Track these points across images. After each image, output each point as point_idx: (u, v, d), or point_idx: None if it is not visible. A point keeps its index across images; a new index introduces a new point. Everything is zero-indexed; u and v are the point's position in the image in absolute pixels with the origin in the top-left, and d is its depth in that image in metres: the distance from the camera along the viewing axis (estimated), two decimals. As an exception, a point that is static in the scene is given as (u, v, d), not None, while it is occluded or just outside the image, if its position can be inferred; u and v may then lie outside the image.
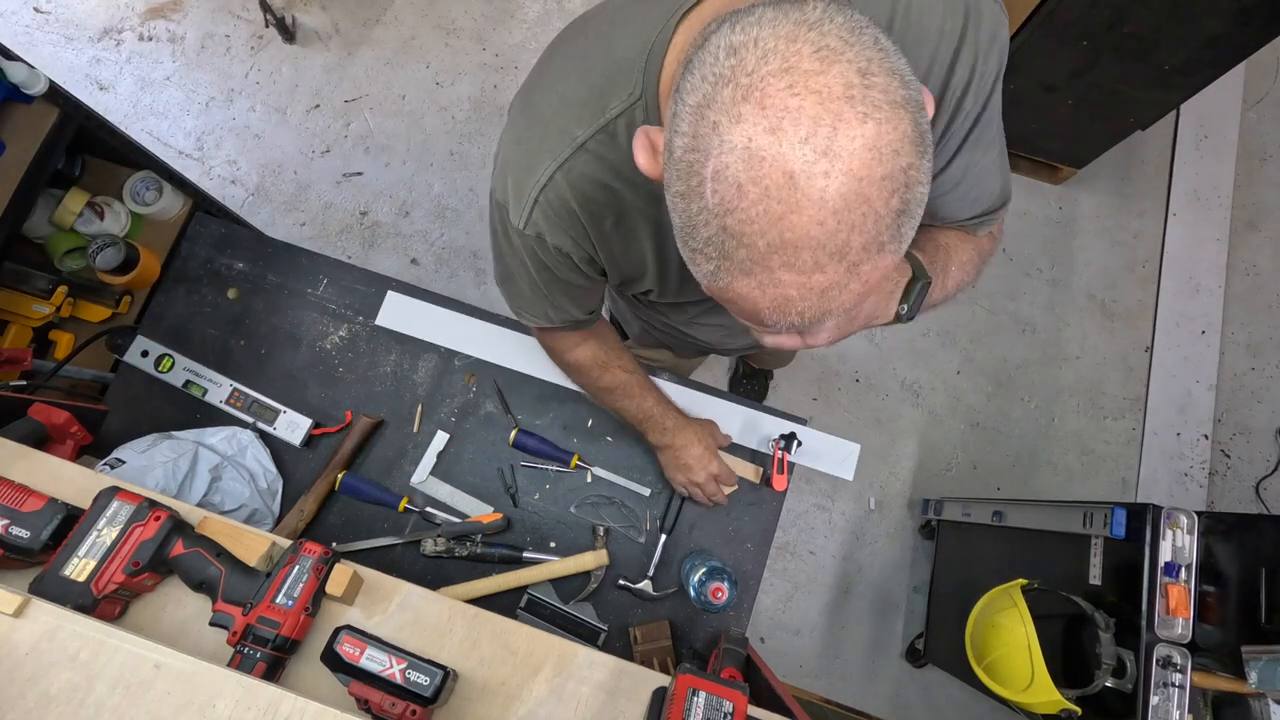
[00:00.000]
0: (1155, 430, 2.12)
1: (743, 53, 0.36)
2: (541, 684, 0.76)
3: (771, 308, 0.42)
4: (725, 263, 0.40)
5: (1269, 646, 1.04)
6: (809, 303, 0.41)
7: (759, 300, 0.42)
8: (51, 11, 2.29)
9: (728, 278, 0.41)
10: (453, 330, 1.18)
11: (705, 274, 0.43)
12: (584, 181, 0.60)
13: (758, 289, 0.41)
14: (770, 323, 0.44)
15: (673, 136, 0.40)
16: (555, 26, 2.33)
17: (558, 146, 0.59)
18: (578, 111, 0.58)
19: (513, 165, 0.63)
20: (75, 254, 1.36)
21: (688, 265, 0.45)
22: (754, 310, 0.43)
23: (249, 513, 1.04)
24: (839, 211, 0.37)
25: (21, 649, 0.62)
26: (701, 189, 0.38)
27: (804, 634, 1.95)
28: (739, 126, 0.36)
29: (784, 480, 1.12)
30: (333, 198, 2.17)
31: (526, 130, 0.62)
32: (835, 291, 0.40)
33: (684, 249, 0.44)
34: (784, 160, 0.36)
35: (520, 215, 0.64)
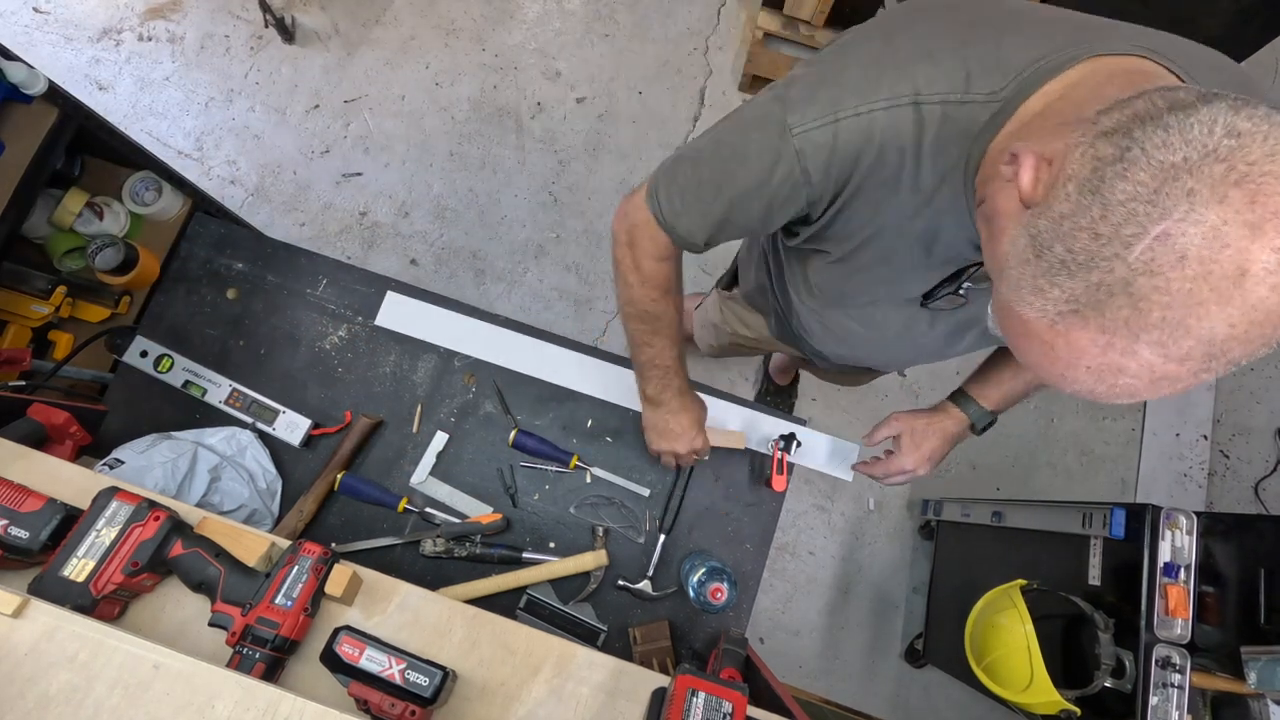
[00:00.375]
0: (1154, 431, 2.13)
1: (1248, 141, 0.36)
2: (541, 684, 0.76)
3: (1091, 369, 0.41)
4: (1089, 310, 0.40)
5: (1268, 647, 1.04)
6: (1133, 383, 0.41)
7: (1085, 356, 0.41)
8: (51, 11, 2.29)
9: (1074, 321, 0.40)
10: (452, 330, 1.18)
11: (1043, 303, 0.42)
12: (888, 138, 0.57)
13: (1099, 348, 0.40)
14: (1062, 378, 0.43)
15: (1115, 178, 0.39)
16: (555, 27, 2.33)
17: (895, 91, 0.56)
18: (934, 74, 0.55)
19: (839, 78, 0.59)
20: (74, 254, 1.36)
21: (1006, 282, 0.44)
22: (1058, 361, 0.43)
23: (248, 513, 1.04)
24: (1256, 324, 0.37)
25: (20, 649, 0.62)
26: (1131, 239, 0.38)
27: (803, 634, 1.95)
28: (1218, 207, 0.36)
29: (783, 481, 1.12)
30: (332, 198, 2.17)
31: (873, 61, 0.58)
32: (1164, 385, 0.40)
33: (1026, 265, 0.43)
34: (1246, 257, 0.36)
35: (806, 120, 0.59)
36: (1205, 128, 0.37)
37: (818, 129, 0.58)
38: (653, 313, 0.89)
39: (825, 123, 0.58)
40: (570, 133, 2.24)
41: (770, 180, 0.64)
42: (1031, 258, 0.42)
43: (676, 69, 2.32)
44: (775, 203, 0.66)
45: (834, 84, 0.59)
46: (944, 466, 2.05)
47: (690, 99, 2.29)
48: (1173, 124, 0.38)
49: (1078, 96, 0.49)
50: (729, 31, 2.36)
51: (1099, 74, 0.50)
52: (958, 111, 0.55)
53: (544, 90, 2.28)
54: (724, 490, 1.15)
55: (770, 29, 2.13)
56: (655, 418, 1.03)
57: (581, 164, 2.22)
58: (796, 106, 0.60)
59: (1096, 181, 0.39)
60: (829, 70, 0.60)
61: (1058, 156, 0.43)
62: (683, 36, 2.35)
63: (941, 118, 0.55)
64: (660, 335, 0.92)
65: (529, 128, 2.24)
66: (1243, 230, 0.35)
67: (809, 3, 2.04)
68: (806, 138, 0.59)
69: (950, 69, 0.55)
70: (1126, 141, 0.39)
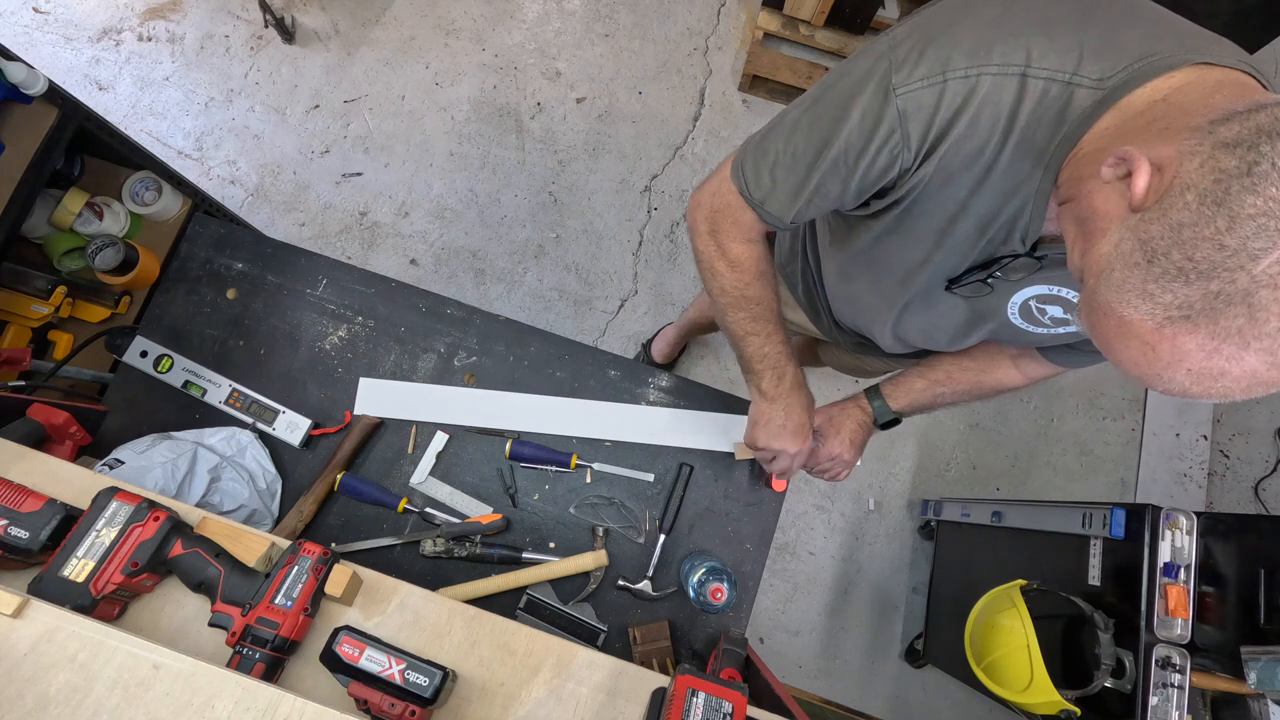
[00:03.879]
0: (1154, 431, 2.13)
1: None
2: (541, 685, 0.76)
3: (1192, 371, 0.43)
4: (1201, 317, 0.41)
5: (1268, 647, 1.04)
6: (1230, 386, 0.42)
7: (1188, 359, 0.42)
8: (50, 12, 2.29)
9: (1183, 327, 0.42)
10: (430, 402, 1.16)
11: (1151, 307, 0.43)
12: (990, 106, 0.55)
13: (1205, 353, 0.41)
14: (1158, 378, 0.45)
15: (1243, 192, 0.40)
16: (555, 27, 2.33)
17: (1008, 56, 0.54)
18: (1048, 48, 0.53)
19: (950, 36, 0.56)
20: (74, 254, 1.36)
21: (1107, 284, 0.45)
22: (1158, 362, 0.44)
23: (248, 513, 1.04)
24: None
25: (20, 650, 0.62)
26: (1258, 253, 0.39)
27: (803, 634, 1.95)
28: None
29: (783, 481, 1.12)
30: (332, 198, 2.17)
31: (989, 22, 0.56)
32: (1259, 389, 0.42)
33: (1134, 270, 0.44)
34: None
35: (912, 80, 0.56)
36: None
37: (924, 88, 0.56)
38: (749, 297, 0.85)
39: (933, 82, 0.56)
40: (570, 133, 2.24)
41: (869, 145, 0.60)
42: (1142, 262, 0.43)
43: (676, 69, 2.32)
44: (871, 169, 0.63)
45: (945, 43, 0.56)
46: (944, 466, 2.07)
47: (690, 99, 2.29)
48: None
49: (1184, 101, 0.48)
50: (729, 31, 2.36)
51: (1206, 82, 0.49)
52: (1061, 92, 0.53)
53: (544, 90, 2.28)
54: (724, 490, 1.15)
55: (770, 29, 2.13)
56: (770, 412, 0.96)
57: (581, 164, 2.22)
58: (903, 65, 0.57)
59: (1221, 194, 0.40)
60: (937, 29, 0.57)
61: (1168, 163, 0.43)
62: (683, 36, 2.35)
63: (1042, 94, 0.54)
64: (762, 320, 0.87)
65: (529, 128, 2.24)
66: None
67: (809, 3, 2.04)
68: (911, 97, 0.57)
69: (1065, 45, 0.53)
70: (1253, 155, 0.40)
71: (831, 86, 0.64)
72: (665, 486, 1.14)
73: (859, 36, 2.16)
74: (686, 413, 1.16)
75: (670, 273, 2.15)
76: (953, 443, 2.10)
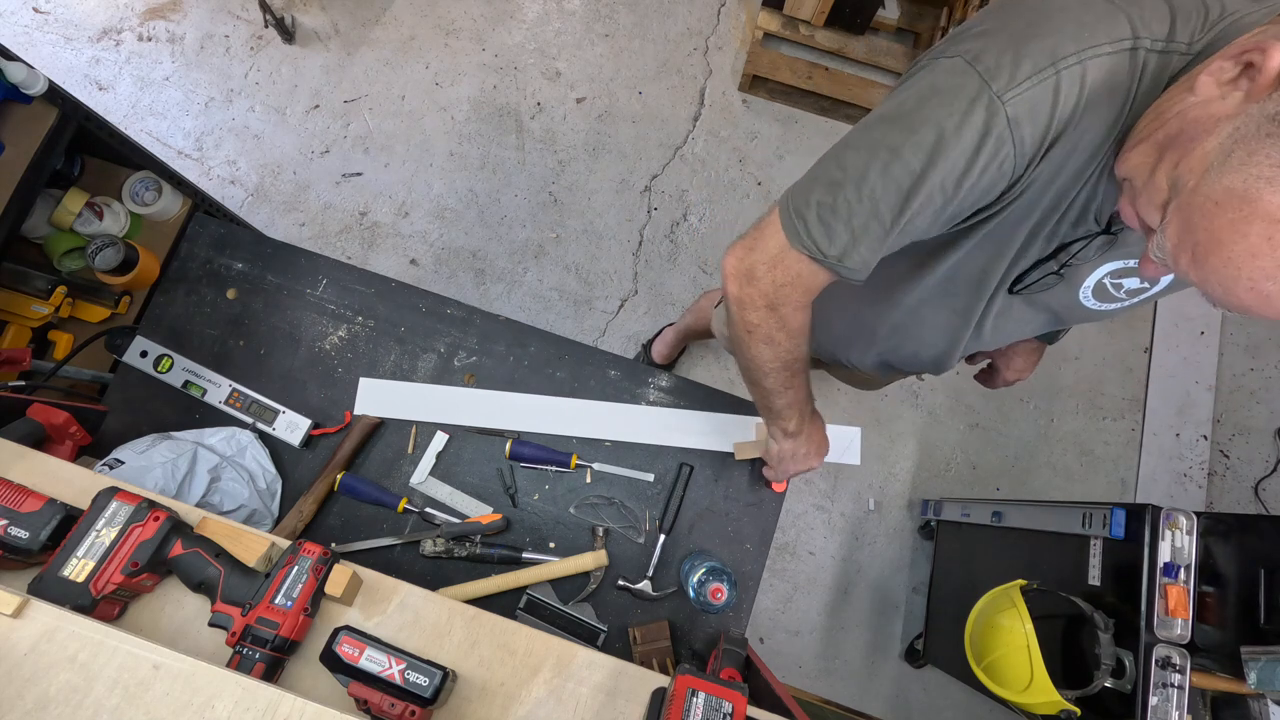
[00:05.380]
0: (1154, 431, 2.13)
1: None
2: (540, 685, 0.76)
3: None
4: None
5: (1268, 647, 1.04)
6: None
7: None
8: (50, 12, 2.29)
9: None
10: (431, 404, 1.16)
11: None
12: (1108, 84, 0.50)
13: None
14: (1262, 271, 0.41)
15: None
16: (555, 27, 2.33)
17: (1115, 30, 0.49)
18: (1145, 14, 0.49)
19: (1044, 25, 0.51)
20: (74, 254, 1.36)
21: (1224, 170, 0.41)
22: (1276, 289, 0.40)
23: (248, 513, 1.04)
24: None
25: (20, 650, 0.62)
26: None
27: (803, 634, 1.95)
28: None
29: (783, 481, 1.12)
30: (332, 198, 2.17)
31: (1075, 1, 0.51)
32: None
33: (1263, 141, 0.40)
34: None
35: (1018, 80, 0.50)
36: None
37: (1034, 86, 0.50)
38: (799, 358, 0.80)
39: (1045, 77, 0.50)
40: (570, 133, 2.24)
41: (974, 165, 0.54)
42: (1273, 129, 0.39)
43: (676, 69, 2.32)
44: (973, 191, 0.56)
45: (1042, 34, 0.51)
46: (944, 466, 2.07)
47: (690, 99, 2.29)
48: None
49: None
50: (729, 31, 2.36)
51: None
52: (1159, 63, 0.49)
53: (544, 90, 2.28)
54: (724, 490, 1.15)
55: (770, 29, 2.13)
56: (794, 447, 0.96)
57: (581, 164, 2.22)
58: (1001, 70, 0.51)
59: None
60: (1021, 26, 0.52)
61: None
62: (683, 36, 2.35)
63: (1158, 67, 0.49)
64: (799, 374, 0.83)
65: (529, 128, 2.24)
66: None
67: (809, 3, 2.04)
68: (1021, 101, 0.50)
69: (1157, 8, 0.49)
70: None
71: (909, 118, 0.56)
72: (665, 486, 1.14)
73: (859, 37, 2.16)
74: (686, 413, 1.16)
75: (670, 273, 2.15)
76: (953, 443, 2.10)
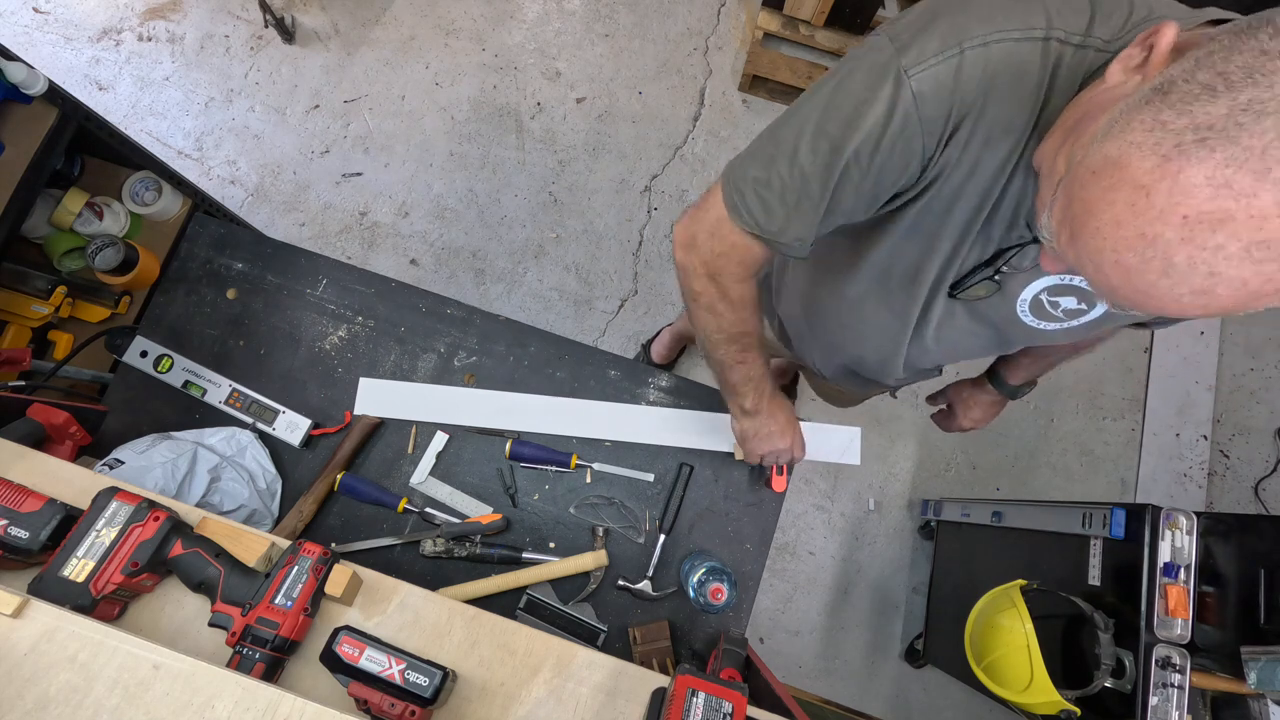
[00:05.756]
0: (1154, 431, 2.13)
1: None
2: (540, 685, 0.76)
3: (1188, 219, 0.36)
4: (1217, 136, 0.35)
5: (1268, 647, 1.04)
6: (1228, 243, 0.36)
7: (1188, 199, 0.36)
8: (50, 12, 2.29)
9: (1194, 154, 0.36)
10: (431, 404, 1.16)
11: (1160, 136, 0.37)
12: (1017, 72, 0.51)
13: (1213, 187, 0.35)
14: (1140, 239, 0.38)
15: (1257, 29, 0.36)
16: (555, 27, 2.33)
17: (1029, 19, 0.50)
18: (1063, 7, 0.50)
19: (961, 5, 0.52)
20: (74, 254, 1.37)
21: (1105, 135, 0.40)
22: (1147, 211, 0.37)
23: (248, 513, 1.04)
24: None
25: (20, 650, 0.62)
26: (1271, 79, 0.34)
27: (803, 634, 1.95)
28: None
29: (783, 481, 1.12)
30: (332, 198, 2.17)
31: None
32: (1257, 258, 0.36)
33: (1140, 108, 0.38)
34: None
35: (925, 57, 0.51)
36: None
37: (939, 63, 0.51)
38: (746, 331, 0.82)
39: (949, 55, 0.51)
40: (570, 133, 2.24)
41: (883, 140, 0.55)
42: (1155, 97, 0.38)
43: (676, 69, 2.32)
44: (888, 167, 0.57)
45: (955, 13, 0.52)
46: (944, 466, 2.07)
47: (690, 99, 2.29)
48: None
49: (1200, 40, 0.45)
50: (729, 31, 2.36)
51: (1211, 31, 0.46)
52: (1074, 57, 0.50)
53: (544, 90, 2.28)
54: (724, 490, 1.15)
55: (770, 29, 2.13)
56: (755, 425, 0.98)
57: (581, 164, 2.22)
58: (911, 45, 0.52)
59: (1264, 20, 0.37)
60: (943, 6, 0.54)
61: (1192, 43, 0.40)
62: (683, 36, 2.35)
63: (1073, 60, 0.50)
64: (752, 349, 0.85)
65: (529, 128, 2.24)
66: None
67: (809, 3, 2.04)
68: (925, 76, 0.51)
69: (1076, 4, 0.50)
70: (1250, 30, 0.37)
71: (831, 91, 0.58)
72: (665, 486, 1.14)
73: (859, 36, 2.16)
74: (686, 413, 1.16)
75: (670, 273, 2.15)
76: (953, 443, 2.10)
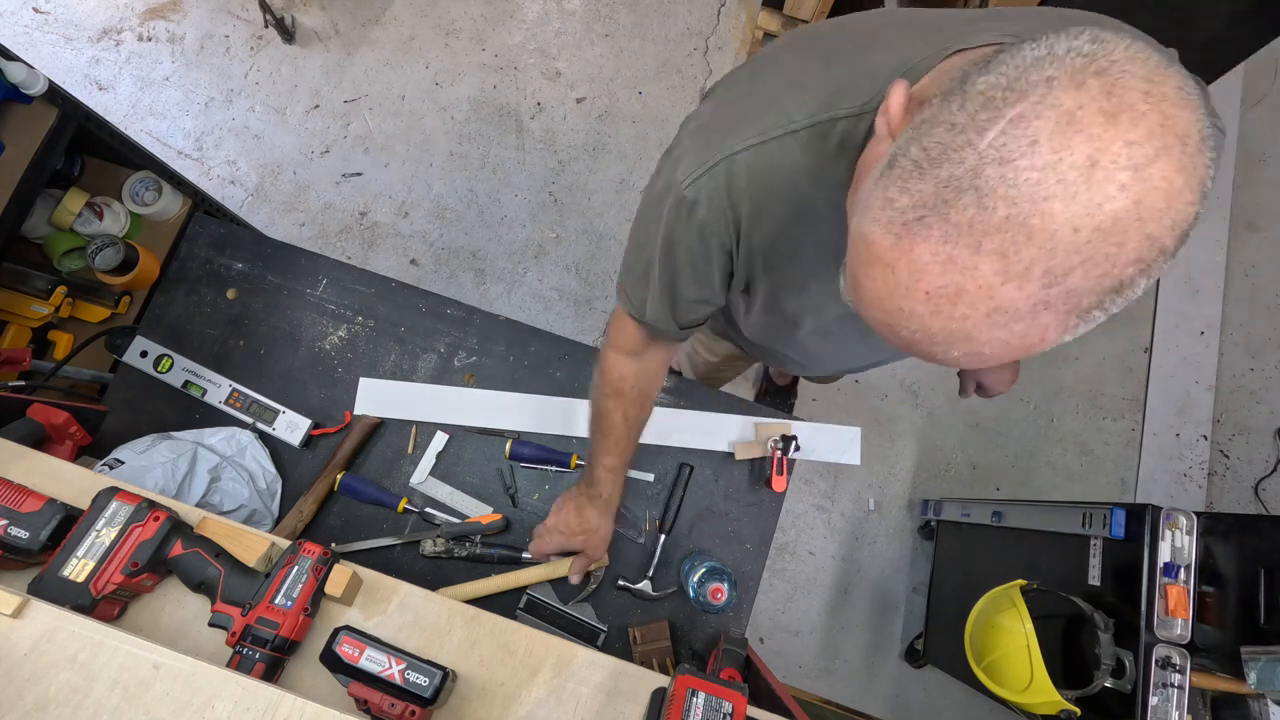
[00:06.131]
0: (1154, 431, 2.12)
1: (1111, 45, 0.35)
2: (540, 685, 0.76)
3: (930, 294, 0.38)
4: (933, 215, 0.36)
5: (1268, 647, 1.04)
6: (969, 315, 0.37)
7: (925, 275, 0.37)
8: (50, 12, 2.29)
9: (918, 232, 0.37)
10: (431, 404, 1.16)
11: (890, 215, 0.38)
12: (774, 171, 0.59)
13: (940, 263, 0.37)
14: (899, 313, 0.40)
15: (978, 74, 0.38)
16: (555, 27, 2.33)
17: (769, 124, 0.57)
18: (804, 99, 0.56)
19: (714, 124, 0.61)
20: (74, 254, 1.36)
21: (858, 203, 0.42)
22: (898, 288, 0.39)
23: (248, 513, 1.04)
24: (1100, 233, 0.34)
25: (20, 650, 0.62)
26: (985, 125, 0.35)
27: (803, 634, 1.95)
28: (1075, 93, 0.34)
29: (783, 481, 1.12)
30: (332, 198, 2.17)
31: (743, 99, 0.61)
32: (999, 321, 0.37)
33: (879, 182, 0.40)
34: (1098, 146, 0.33)
35: (690, 172, 0.61)
36: (1071, 36, 0.36)
37: (705, 175, 0.60)
38: (599, 410, 0.89)
39: (710, 166, 0.59)
40: (570, 133, 2.24)
41: (682, 243, 0.65)
42: (886, 170, 0.40)
43: (676, 69, 2.32)
44: (700, 263, 0.67)
45: (712, 129, 0.61)
46: (944, 466, 2.07)
47: (690, 99, 2.29)
48: (1043, 38, 0.37)
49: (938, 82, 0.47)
50: (729, 31, 2.36)
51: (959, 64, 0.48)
52: (832, 129, 0.56)
53: (544, 90, 2.28)
54: (724, 490, 1.15)
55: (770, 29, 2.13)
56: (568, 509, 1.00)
57: (581, 164, 2.22)
58: (682, 161, 0.61)
59: (959, 82, 0.38)
60: (706, 119, 0.63)
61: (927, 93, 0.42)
62: (683, 36, 2.35)
63: (821, 138, 0.56)
64: (601, 435, 0.91)
65: (529, 128, 2.24)
66: (1096, 119, 0.33)
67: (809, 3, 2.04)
68: (697, 187, 0.60)
69: (817, 91, 0.56)
70: (996, 55, 0.38)
71: (646, 199, 0.68)
72: (665, 486, 1.14)
73: (859, 36, 2.16)
74: (686, 413, 1.16)
75: (670, 273, 2.15)
76: (953, 443, 2.10)
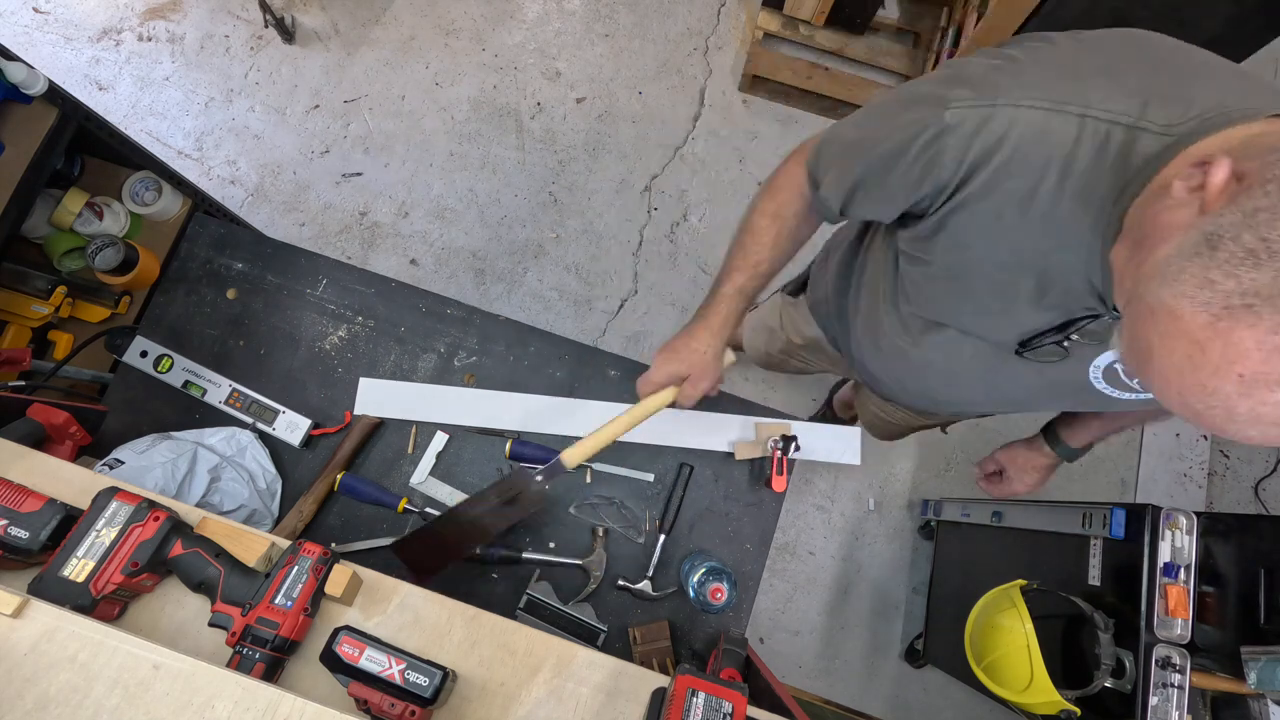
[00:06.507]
0: (1154, 431, 2.12)
1: None
2: (540, 685, 0.76)
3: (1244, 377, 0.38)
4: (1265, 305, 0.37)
5: (1268, 647, 1.04)
6: None
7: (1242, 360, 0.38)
8: (51, 12, 2.29)
9: (1243, 317, 0.38)
10: (431, 404, 1.15)
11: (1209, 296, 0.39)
12: (1041, 143, 0.55)
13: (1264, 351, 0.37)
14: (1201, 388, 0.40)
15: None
16: (555, 27, 2.33)
17: (1066, 95, 0.54)
18: (1111, 91, 0.53)
19: (1013, 69, 0.58)
20: (74, 254, 1.37)
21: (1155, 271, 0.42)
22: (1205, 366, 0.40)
23: (248, 513, 1.04)
24: None
25: (20, 650, 0.62)
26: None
27: (803, 634, 1.95)
28: None
29: (783, 481, 1.12)
30: (332, 198, 2.17)
31: (1052, 61, 0.57)
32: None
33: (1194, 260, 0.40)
34: None
35: (965, 98, 0.57)
36: None
37: (972, 108, 0.57)
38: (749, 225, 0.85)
39: (982, 104, 0.56)
40: (570, 133, 2.24)
41: (908, 149, 0.61)
42: (1205, 250, 0.40)
43: (676, 69, 2.32)
44: (907, 176, 0.63)
45: (1006, 74, 0.57)
46: (944, 466, 2.07)
47: (690, 99, 2.29)
48: None
49: (1263, 144, 0.45)
50: (729, 31, 2.36)
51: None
52: (1125, 136, 0.52)
53: (544, 90, 2.28)
54: (724, 490, 1.15)
55: (770, 29, 2.13)
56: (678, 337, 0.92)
57: (581, 164, 2.22)
58: (963, 85, 0.58)
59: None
60: (1007, 63, 0.59)
61: (1250, 173, 0.41)
62: (683, 36, 2.35)
63: (1105, 138, 0.53)
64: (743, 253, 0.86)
65: (529, 128, 2.24)
66: None
67: (809, 3, 2.04)
68: (958, 113, 0.57)
69: (1130, 90, 0.53)
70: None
71: (901, 92, 0.66)
72: (665, 486, 1.14)
73: (859, 36, 2.17)
74: (686, 413, 1.16)
75: (670, 273, 2.15)
76: (953, 443, 2.10)
